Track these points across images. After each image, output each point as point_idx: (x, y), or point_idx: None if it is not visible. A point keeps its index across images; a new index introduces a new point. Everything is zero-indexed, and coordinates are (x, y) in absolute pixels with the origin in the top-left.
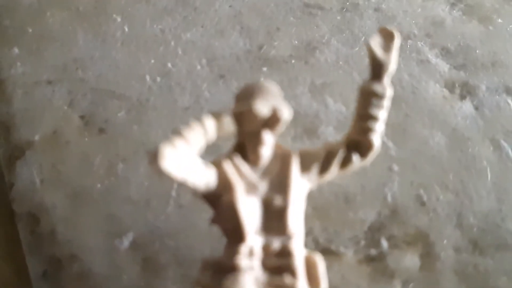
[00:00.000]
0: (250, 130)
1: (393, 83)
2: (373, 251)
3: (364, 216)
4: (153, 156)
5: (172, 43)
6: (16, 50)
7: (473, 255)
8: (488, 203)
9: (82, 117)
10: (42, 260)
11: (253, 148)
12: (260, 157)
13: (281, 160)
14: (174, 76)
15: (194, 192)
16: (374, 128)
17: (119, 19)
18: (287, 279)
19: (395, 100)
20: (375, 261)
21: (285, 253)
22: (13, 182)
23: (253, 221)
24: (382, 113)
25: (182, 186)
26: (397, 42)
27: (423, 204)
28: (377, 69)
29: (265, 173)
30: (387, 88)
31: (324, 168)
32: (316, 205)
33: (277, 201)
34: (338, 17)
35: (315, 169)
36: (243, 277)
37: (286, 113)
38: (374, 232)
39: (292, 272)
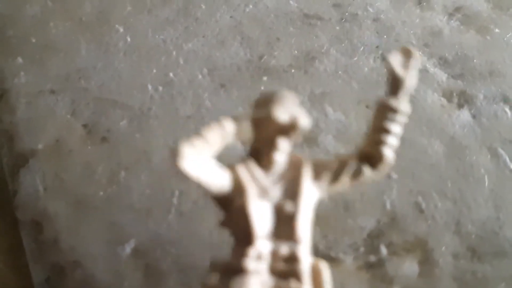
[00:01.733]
0: (267, 136)
1: None
2: (372, 258)
3: (364, 224)
4: (173, 154)
5: (174, 53)
6: (19, 60)
7: (471, 262)
8: (486, 210)
9: (85, 126)
10: (45, 267)
11: (268, 154)
12: (273, 163)
13: (294, 168)
14: (176, 86)
15: (207, 193)
16: (387, 142)
17: (121, 30)
18: (293, 284)
19: None
20: (374, 268)
21: (292, 259)
22: (16, 190)
23: (263, 226)
24: (396, 128)
25: (185, 193)
26: (416, 61)
27: (421, 211)
28: (394, 85)
29: (277, 179)
30: (403, 103)
31: (335, 178)
32: (316, 213)
33: (288, 207)
34: (337, 28)
35: (326, 178)
36: (250, 280)
37: (305, 122)
38: (373, 239)
39: (298, 277)
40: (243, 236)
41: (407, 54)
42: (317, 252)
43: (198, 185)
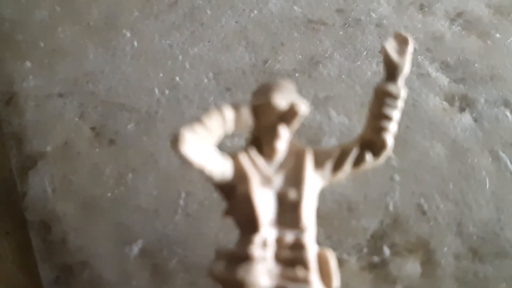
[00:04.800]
0: (267, 124)
1: None
2: (375, 258)
3: (367, 225)
4: (175, 139)
5: (180, 57)
6: (28, 64)
7: (473, 262)
8: (487, 212)
9: (92, 128)
10: (54, 267)
11: (269, 142)
12: (275, 151)
13: (296, 156)
14: (182, 89)
15: (210, 181)
16: (388, 128)
17: (128, 34)
18: (299, 271)
19: None
20: (377, 268)
21: (298, 246)
22: (25, 191)
23: (267, 213)
24: (395, 114)
25: (191, 195)
26: (410, 46)
27: (424, 213)
28: (391, 71)
29: (280, 168)
30: (401, 89)
31: (337, 165)
32: (320, 214)
33: (292, 194)
34: (341, 32)
35: (328, 166)
36: (256, 267)
37: (303, 108)
38: (377, 240)
39: (304, 265)
40: (248, 223)
41: (401, 40)
42: None
43: (200, 171)
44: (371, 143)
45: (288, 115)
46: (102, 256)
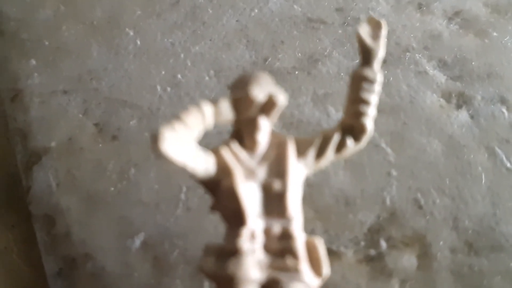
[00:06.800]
0: (247, 116)
1: (391, 93)
2: (372, 252)
3: (364, 219)
4: (154, 139)
5: (182, 55)
6: (33, 61)
7: (468, 256)
8: (483, 207)
9: (96, 124)
10: (58, 260)
11: (250, 135)
12: (257, 143)
13: (278, 147)
14: (184, 87)
15: (194, 177)
16: (366, 112)
17: (131, 33)
18: (289, 261)
19: (393, 109)
20: (374, 261)
21: (286, 236)
22: (30, 185)
23: (253, 205)
24: (373, 98)
25: (192, 189)
26: (384, 30)
27: (420, 207)
28: (367, 55)
29: (262, 159)
30: (377, 73)
31: (320, 152)
32: (318, 208)
33: (276, 185)
34: (340, 31)
35: (311, 154)
36: (245, 260)
37: (281, 98)
38: (373, 233)
39: (294, 254)
40: (235, 217)
41: (374, 25)
42: None
43: (183, 169)
44: (351, 128)
45: (267, 107)
46: (104, 248)
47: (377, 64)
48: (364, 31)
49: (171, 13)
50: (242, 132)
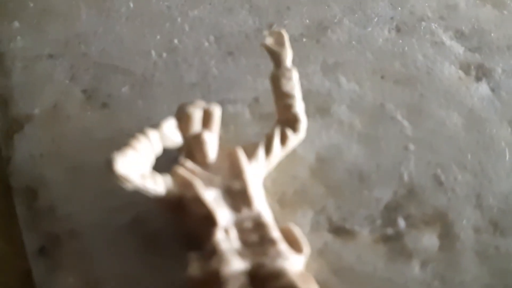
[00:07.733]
0: (191, 134)
1: (407, 63)
2: (389, 230)
3: (380, 195)
4: (108, 163)
5: (179, 19)
6: (16, 24)
7: (493, 236)
8: (508, 184)
9: (84, 91)
10: (40, 236)
11: (199, 150)
12: (207, 156)
13: (228, 156)
14: (181, 53)
15: (157, 199)
16: (294, 104)
17: None
18: (268, 245)
19: (409, 80)
20: (392, 241)
21: (259, 226)
22: (10, 156)
23: (219, 206)
24: (296, 91)
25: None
26: (285, 35)
27: (441, 184)
28: (277, 58)
29: (217, 170)
30: (291, 69)
31: (268, 150)
32: (329, 184)
33: (236, 185)
34: None
35: (261, 153)
36: (226, 254)
37: (217, 109)
38: (391, 211)
39: (270, 239)
40: (206, 220)
41: (277, 35)
42: (331, 224)
43: (143, 190)
44: (287, 121)
45: (206, 120)
46: (91, 224)
47: (288, 61)
48: (269, 41)
49: None
50: (192, 150)
